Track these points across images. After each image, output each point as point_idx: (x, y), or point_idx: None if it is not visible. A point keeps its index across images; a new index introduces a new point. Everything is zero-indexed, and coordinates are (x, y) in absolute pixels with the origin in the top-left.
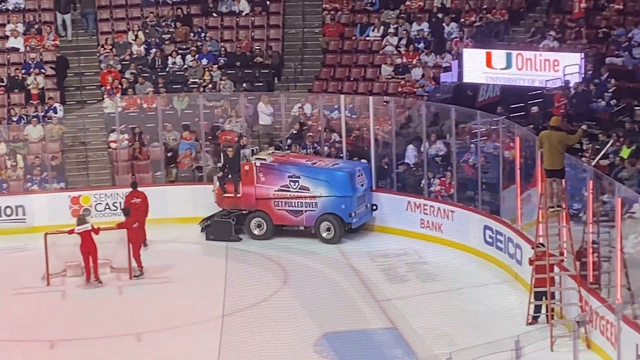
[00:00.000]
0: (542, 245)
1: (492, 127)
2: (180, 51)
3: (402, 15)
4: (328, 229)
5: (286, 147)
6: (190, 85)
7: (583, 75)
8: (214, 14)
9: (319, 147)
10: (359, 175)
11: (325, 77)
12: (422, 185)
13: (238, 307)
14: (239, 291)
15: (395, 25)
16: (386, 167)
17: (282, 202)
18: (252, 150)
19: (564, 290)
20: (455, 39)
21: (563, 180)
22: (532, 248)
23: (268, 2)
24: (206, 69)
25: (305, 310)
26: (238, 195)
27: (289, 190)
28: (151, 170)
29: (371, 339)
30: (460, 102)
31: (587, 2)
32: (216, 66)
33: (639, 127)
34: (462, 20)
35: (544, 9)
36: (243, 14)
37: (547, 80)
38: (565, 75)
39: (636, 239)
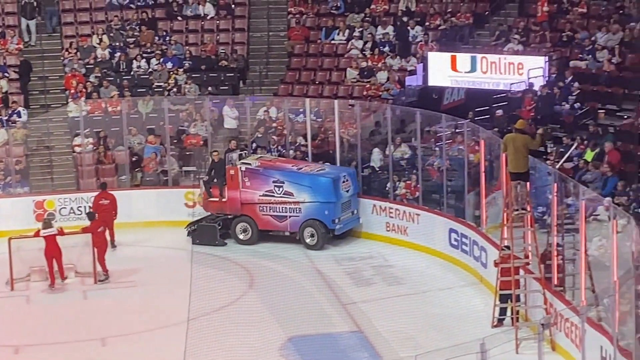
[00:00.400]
0: (507, 248)
1: (457, 131)
2: (145, 55)
3: (367, 18)
4: (312, 235)
5: (251, 151)
6: (155, 89)
7: (547, 79)
8: (179, 18)
9: (284, 151)
10: (344, 181)
11: (290, 80)
12: (387, 188)
13: (203, 311)
14: (205, 295)
15: (361, 29)
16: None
17: (266, 207)
18: (240, 154)
19: (529, 293)
20: (420, 43)
21: (528, 183)
22: (498, 251)
23: (233, 6)
24: (171, 73)
25: (270, 313)
26: (223, 200)
27: (273, 196)
28: (116, 174)
29: (337, 343)
30: (425, 106)
31: (550, 6)
32: (181, 70)
33: (602, 130)
34: (427, 23)
35: (508, 12)
36: (208, 17)
37: (511, 84)
38: (529, 78)
39: (600, 241)
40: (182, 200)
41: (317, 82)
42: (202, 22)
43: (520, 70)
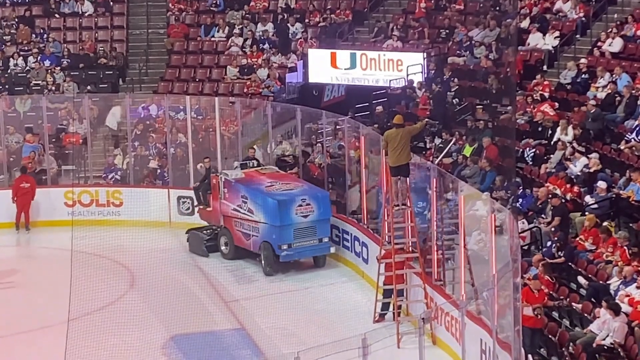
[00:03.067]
0: (389, 243)
1: (338, 127)
2: (22, 53)
3: (247, 15)
4: (266, 257)
5: (132, 150)
6: (33, 87)
7: (426, 75)
8: (57, 15)
9: (164, 149)
10: (300, 205)
11: (170, 78)
12: None
13: (84, 312)
14: (85, 295)
15: (240, 26)
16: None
17: (238, 222)
18: (245, 163)
19: (410, 288)
20: (300, 40)
21: (408, 179)
22: (379, 246)
23: (111, 3)
24: (49, 71)
25: (152, 313)
26: (209, 209)
27: (239, 211)
28: None
29: (219, 340)
30: (306, 102)
31: (428, 2)
32: (59, 68)
33: (485, 124)
34: (306, 20)
35: (387, 9)
36: (86, 14)
37: (391, 80)
38: (408, 75)
39: (479, 235)
40: (61, 199)
41: (197, 80)
42: (80, 20)
43: (399, 67)
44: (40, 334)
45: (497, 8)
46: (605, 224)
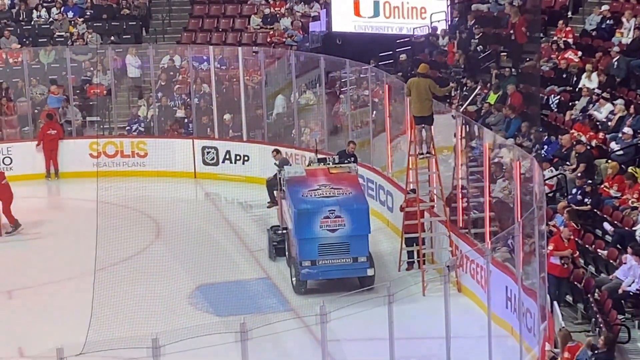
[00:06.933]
0: (413, 191)
1: (362, 76)
2: (45, 4)
3: None
4: (293, 272)
5: (156, 100)
6: (57, 39)
7: (449, 23)
8: None
9: (188, 100)
10: (326, 217)
11: (193, 28)
12: (293, 134)
13: (110, 262)
14: (111, 245)
15: None
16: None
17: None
18: (324, 158)
19: (435, 236)
20: None
21: (432, 127)
22: (404, 195)
23: None
24: (72, 22)
25: (178, 263)
26: (276, 207)
27: (286, 215)
28: (19, 126)
29: (245, 289)
30: (329, 51)
31: None
32: (82, 19)
33: (510, 72)
34: None
35: None
36: None
37: (414, 28)
38: (432, 22)
39: (504, 182)
40: (86, 150)
41: (220, 30)
42: None
43: (423, 15)
44: (68, 284)
45: None
46: (630, 169)
